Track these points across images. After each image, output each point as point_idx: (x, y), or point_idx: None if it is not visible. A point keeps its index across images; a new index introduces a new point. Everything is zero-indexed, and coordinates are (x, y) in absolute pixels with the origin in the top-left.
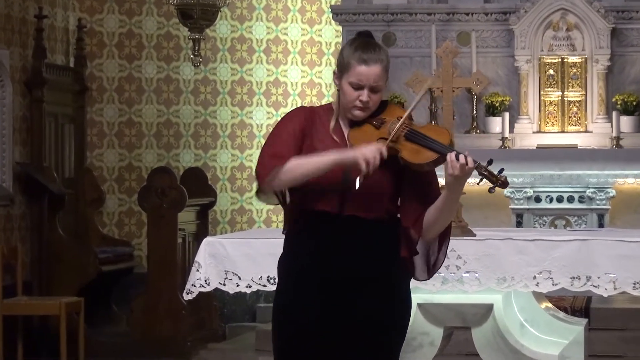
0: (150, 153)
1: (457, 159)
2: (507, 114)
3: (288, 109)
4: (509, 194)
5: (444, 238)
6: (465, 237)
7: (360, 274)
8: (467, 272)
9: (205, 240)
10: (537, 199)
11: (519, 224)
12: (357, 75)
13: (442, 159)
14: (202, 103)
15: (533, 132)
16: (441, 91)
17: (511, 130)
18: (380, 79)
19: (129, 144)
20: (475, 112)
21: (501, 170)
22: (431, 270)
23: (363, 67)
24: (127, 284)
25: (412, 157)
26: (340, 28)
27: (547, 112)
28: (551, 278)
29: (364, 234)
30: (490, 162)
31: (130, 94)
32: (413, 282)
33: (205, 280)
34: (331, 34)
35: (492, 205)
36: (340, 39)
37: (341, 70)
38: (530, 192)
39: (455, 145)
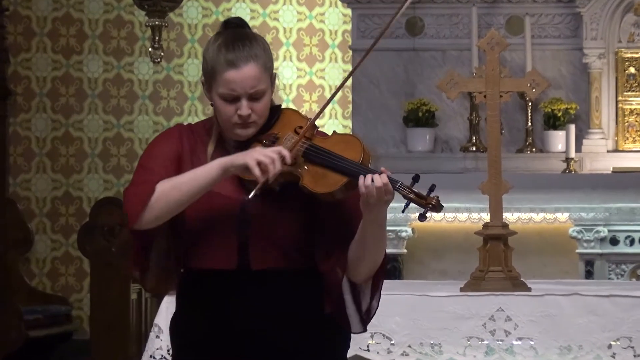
0: (94, 179)
1: (372, 180)
2: (572, 127)
3: None
4: (575, 234)
5: (379, 277)
6: (516, 292)
7: (278, 343)
8: (520, 338)
9: (167, 297)
10: (614, 241)
11: (588, 274)
12: (226, 83)
13: (354, 183)
14: (164, 112)
15: (608, 151)
16: (484, 96)
17: (578, 149)
18: (259, 81)
19: (66, 167)
20: (530, 124)
21: (432, 189)
22: (364, 319)
23: (232, 71)
24: (63, 354)
25: (317, 184)
26: (349, 12)
27: (626, 124)
28: (632, 347)
29: (278, 292)
30: (415, 180)
31: (67, 100)
32: (448, 354)
33: (168, 350)
34: (337, 20)
35: (552, 250)
36: (349, 27)
37: (207, 79)
38: (603, 231)
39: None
